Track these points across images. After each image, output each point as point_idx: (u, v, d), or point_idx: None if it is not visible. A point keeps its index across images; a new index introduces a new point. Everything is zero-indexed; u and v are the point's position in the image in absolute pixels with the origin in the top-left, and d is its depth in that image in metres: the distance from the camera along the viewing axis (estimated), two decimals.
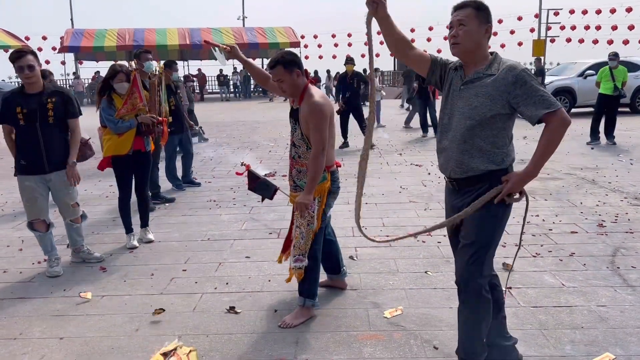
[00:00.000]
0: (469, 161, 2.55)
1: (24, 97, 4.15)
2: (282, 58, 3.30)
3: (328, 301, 3.71)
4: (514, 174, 2.52)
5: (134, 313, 3.59)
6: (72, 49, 28.18)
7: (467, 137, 2.54)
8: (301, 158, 3.41)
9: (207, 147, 11.53)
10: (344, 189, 7.26)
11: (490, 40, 2.65)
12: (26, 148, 4.17)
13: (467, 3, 2.53)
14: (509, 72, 2.44)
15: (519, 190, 2.54)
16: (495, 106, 2.47)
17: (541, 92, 2.41)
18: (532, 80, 2.43)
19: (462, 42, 2.51)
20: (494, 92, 2.46)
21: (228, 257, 4.62)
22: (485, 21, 2.52)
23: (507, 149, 2.56)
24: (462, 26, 2.50)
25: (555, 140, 2.43)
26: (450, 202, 2.76)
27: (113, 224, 5.70)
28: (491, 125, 2.50)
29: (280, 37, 30.18)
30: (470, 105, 2.52)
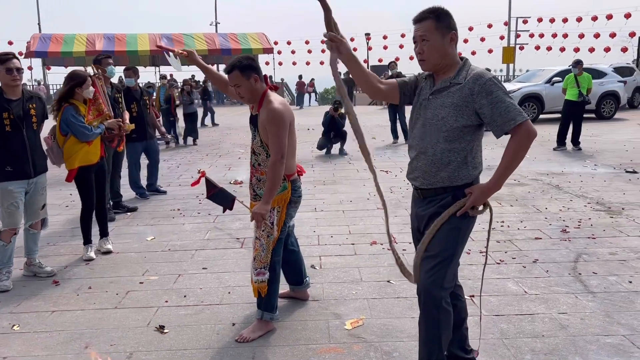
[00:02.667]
0: (435, 172, 2.49)
1: (8, 102, 4.08)
2: (239, 63, 3.20)
3: (289, 313, 3.61)
4: (476, 187, 2.46)
5: (84, 329, 3.43)
6: (39, 54, 27.50)
7: (435, 148, 2.47)
8: (261, 166, 3.32)
9: (175, 154, 11.33)
10: (311, 195, 7.26)
11: (461, 47, 2.63)
12: (13, 154, 4.11)
13: (425, 15, 2.44)
14: (476, 81, 2.37)
15: (481, 203, 2.49)
16: (462, 117, 2.40)
17: (507, 103, 2.33)
18: (498, 90, 2.35)
19: (428, 58, 2.46)
20: (460, 101, 2.40)
21: (188, 268, 4.49)
22: (448, 29, 2.44)
23: (474, 161, 2.50)
24: (425, 41, 2.43)
25: (520, 152, 2.36)
26: (415, 210, 2.71)
27: (71, 234, 5.51)
28: (458, 137, 2.43)
29: (253, 43, 30.02)
30: (438, 116, 2.45)
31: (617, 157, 9.55)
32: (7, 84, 4.09)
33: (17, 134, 4.12)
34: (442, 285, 2.49)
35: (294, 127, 3.34)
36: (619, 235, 5.12)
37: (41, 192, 4.36)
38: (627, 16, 27.29)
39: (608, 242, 4.93)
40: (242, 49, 29.45)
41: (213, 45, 28.93)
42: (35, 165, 4.24)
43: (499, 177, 2.42)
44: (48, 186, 4.50)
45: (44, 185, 4.40)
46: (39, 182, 4.31)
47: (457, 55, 2.51)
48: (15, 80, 4.08)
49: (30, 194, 4.28)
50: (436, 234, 2.51)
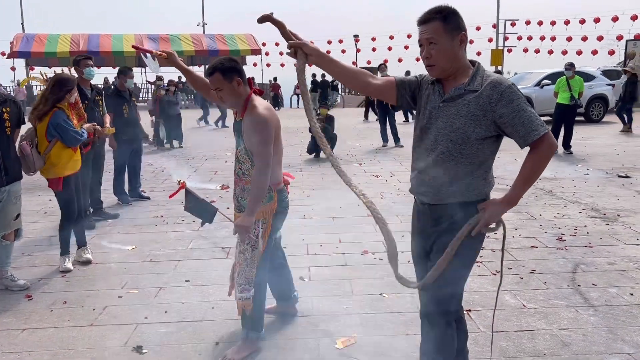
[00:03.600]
0: (448, 188, 2.27)
1: None
2: (221, 64, 2.99)
3: (275, 330, 3.40)
4: (491, 203, 2.25)
5: (57, 349, 3.20)
6: (22, 55, 27.03)
7: (448, 161, 2.25)
8: (245, 175, 3.11)
9: (160, 157, 11.07)
10: (300, 202, 7.05)
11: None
12: None
13: (432, 16, 2.21)
14: (494, 89, 2.16)
15: (496, 219, 2.26)
16: (480, 127, 2.19)
17: (529, 112, 2.13)
18: (519, 99, 2.15)
19: (437, 63, 2.23)
20: (478, 111, 2.18)
21: (170, 280, 4.27)
22: (457, 30, 2.22)
23: (488, 175, 2.30)
24: (433, 45, 2.21)
25: (541, 166, 2.18)
26: (421, 226, 2.46)
27: (48, 243, 5.26)
28: (475, 149, 2.22)
29: (241, 44, 29.78)
30: (452, 126, 2.23)
31: (609, 161, 9.47)
32: None
33: None
34: (449, 308, 2.33)
35: (280, 134, 3.14)
36: (616, 243, 4.98)
37: (14, 202, 4.12)
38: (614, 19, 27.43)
39: (605, 251, 4.79)
40: (229, 50, 29.20)
41: (200, 46, 28.64)
42: (7, 172, 4.00)
43: (516, 191, 2.21)
44: (26, 191, 4.28)
45: (18, 194, 4.15)
46: (11, 190, 4.06)
47: (466, 58, 2.29)
48: None
49: (2, 203, 4.03)
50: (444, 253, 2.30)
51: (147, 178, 8.63)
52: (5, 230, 4.12)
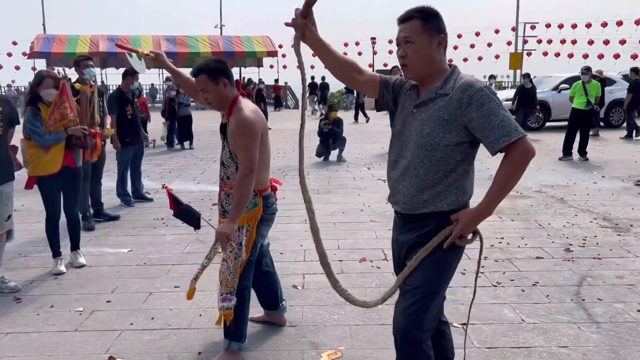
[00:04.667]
0: (418, 196, 2.17)
1: None
2: (207, 65, 2.91)
3: (261, 341, 3.30)
4: (464, 213, 2.13)
5: (37, 355, 3.14)
6: (42, 55, 27.45)
7: (418, 169, 2.15)
8: (230, 179, 3.02)
9: (169, 158, 11.07)
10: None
11: (468, 52, 2.32)
12: None
13: (411, 14, 2.14)
14: (464, 92, 2.06)
15: (470, 231, 2.16)
16: (449, 133, 2.08)
17: (501, 117, 2.01)
18: (490, 102, 2.03)
19: (411, 63, 2.15)
20: (447, 115, 2.08)
21: (161, 285, 4.19)
22: (437, 32, 2.13)
23: (464, 185, 2.18)
24: (410, 43, 2.12)
25: (515, 174, 2.05)
26: (395, 235, 2.38)
27: (45, 244, 5.17)
28: (446, 156, 2.11)
29: (258, 46, 29.85)
30: (422, 132, 2.13)
31: (626, 169, 9.18)
32: None
33: None
34: (422, 327, 2.16)
35: (267, 138, 3.03)
36: (627, 255, 4.77)
37: (6, 203, 4.07)
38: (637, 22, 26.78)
39: (615, 263, 4.58)
40: (246, 52, 29.31)
41: (217, 47, 28.75)
42: None
43: (490, 201, 2.09)
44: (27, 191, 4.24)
45: (10, 195, 4.11)
46: (3, 191, 4.03)
47: (445, 63, 2.20)
48: None
49: None
50: (418, 267, 2.18)
51: (153, 178, 8.61)
52: None
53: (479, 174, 9.12)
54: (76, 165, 4.55)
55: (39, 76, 4.37)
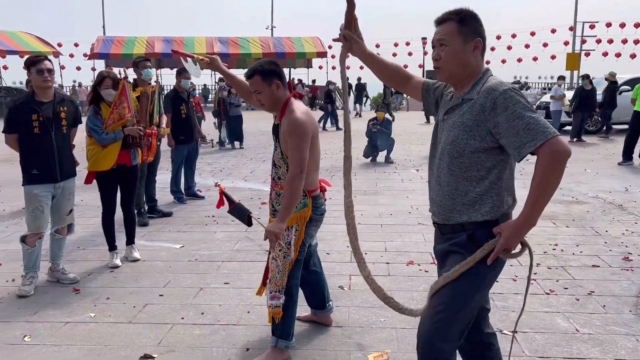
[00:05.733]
0: (450, 207, 2.11)
1: (38, 104, 4.04)
2: (261, 67, 2.97)
3: (307, 340, 3.32)
4: (506, 225, 2.00)
5: (94, 345, 3.28)
6: (102, 56, 28.50)
7: (448, 177, 2.10)
8: (281, 179, 3.06)
9: (220, 157, 11.31)
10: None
11: (522, 53, 2.26)
12: (40, 157, 4.07)
13: (448, 16, 2.09)
14: (488, 96, 1.97)
15: (516, 244, 2.02)
16: (474, 139, 2.01)
17: (527, 119, 1.89)
18: (515, 105, 1.92)
19: (444, 66, 2.09)
20: (471, 121, 2.01)
21: (211, 281, 4.29)
22: (473, 35, 2.06)
23: (501, 193, 2.06)
24: (444, 46, 2.08)
25: (549, 179, 1.90)
26: (435, 247, 2.32)
27: (101, 239, 5.39)
28: (475, 163, 2.03)
29: (308, 47, 29.99)
30: (448, 138, 2.08)
31: None
32: (38, 85, 4.04)
33: (45, 136, 4.06)
34: (445, 338, 2.05)
35: (318, 139, 3.05)
36: None
37: (68, 198, 4.28)
38: None
39: None
40: (295, 53, 29.52)
41: (267, 48, 29.07)
42: (62, 169, 4.16)
43: (530, 210, 1.94)
44: (87, 187, 4.42)
45: (72, 190, 4.31)
46: (65, 186, 4.23)
47: (481, 67, 2.11)
48: (46, 81, 4.03)
49: (56, 198, 4.21)
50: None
51: (204, 177, 8.82)
52: (58, 225, 4.30)
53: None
54: (132, 164, 4.72)
55: (100, 76, 4.56)
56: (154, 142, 5.14)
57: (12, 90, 24.54)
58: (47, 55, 4.29)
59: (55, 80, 4.24)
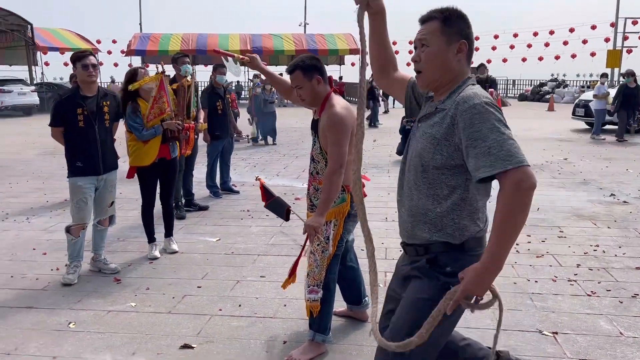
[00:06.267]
0: (413, 224, 1.95)
1: (83, 99, 4.16)
2: (302, 62, 2.98)
3: (344, 335, 3.33)
4: (468, 270, 1.72)
5: (135, 333, 3.36)
6: (138, 53, 29.08)
7: (413, 192, 1.94)
8: (319, 174, 3.07)
9: (254, 153, 11.41)
10: (383, 204, 6.91)
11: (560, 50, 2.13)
12: (84, 150, 4.19)
13: (432, 15, 1.92)
14: (458, 107, 1.78)
15: (480, 294, 1.73)
16: (440, 154, 1.84)
17: (491, 142, 1.67)
18: (482, 123, 1.71)
19: (424, 69, 1.92)
20: (440, 134, 1.83)
21: (247, 274, 4.34)
22: (457, 36, 1.89)
23: (460, 217, 1.87)
24: (425, 47, 1.91)
25: (510, 213, 1.64)
26: (398, 264, 2.17)
27: (141, 230, 5.51)
28: (437, 181, 1.87)
29: (340, 44, 29.98)
30: (416, 149, 1.93)
31: None
32: (83, 80, 4.14)
33: (89, 130, 4.17)
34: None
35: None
36: None
37: (110, 190, 4.39)
38: None
39: None
40: (328, 50, 29.53)
41: (300, 45, 29.18)
42: (105, 162, 4.27)
43: (492, 252, 1.67)
44: (125, 180, 4.52)
45: (114, 182, 4.42)
46: (108, 179, 4.34)
47: (465, 72, 1.93)
48: (91, 76, 4.13)
49: (99, 190, 4.32)
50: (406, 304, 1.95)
51: (239, 172, 8.92)
52: (100, 217, 4.42)
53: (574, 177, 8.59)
54: (172, 157, 4.81)
55: (134, 71, 4.64)
56: (192, 135, 5.22)
57: (53, 86, 25.22)
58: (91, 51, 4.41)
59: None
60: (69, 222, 4.33)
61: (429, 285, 1.91)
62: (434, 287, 1.89)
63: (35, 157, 11.07)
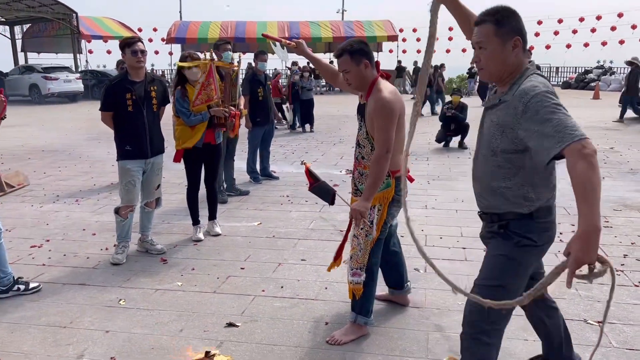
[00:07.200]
0: (487, 196, 2.25)
1: (131, 84, 4.29)
2: (350, 47, 2.99)
3: (386, 319, 3.37)
4: (572, 241, 1.79)
5: (182, 311, 3.48)
6: (178, 40, 29.52)
7: (485, 169, 2.22)
8: (365, 159, 3.10)
9: (292, 140, 11.49)
10: (423, 191, 6.89)
11: (588, 37, 2.23)
12: (133, 134, 4.32)
13: (485, 18, 2.11)
14: (520, 99, 2.00)
15: (592, 260, 1.78)
16: (504, 140, 2.09)
17: (555, 122, 1.87)
18: (545, 109, 1.91)
19: (486, 67, 2.16)
20: (504, 122, 2.08)
21: (289, 257, 4.42)
22: (511, 35, 2.08)
23: (528, 191, 2.13)
24: (482, 49, 2.13)
25: (584, 176, 1.77)
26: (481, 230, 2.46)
27: (185, 213, 5.69)
28: (506, 162, 2.12)
29: (378, 31, 29.71)
30: (487, 135, 2.20)
31: None
32: (132, 65, 4.27)
33: (137, 114, 4.29)
34: (485, 319, 2.21)
35: (404, 120, 3.06)
36: None
37: (157, 173, 4.52)
38: None
39: None
40: (366, 37, 29.29)
41: (338, 32, 29.05)
42: (152, 146, 4.39)
43: (585, 214, 1.77)
44: (169, 165, 4.63)
45: (160, 166, 4.55)
46: (155, 162, 4.47)
47: (522, 63, 2.13)
48: (139, 62, 4.25)
49: (147, 173, 4.46)
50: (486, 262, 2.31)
51: (277, 159, 9.02)
52: (148, 199, 4.56)
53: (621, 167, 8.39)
54: (217, 142, 4.91)
55: (183, 57, 4.75)
56: (237, 122, 5.30)
57: (97, 74, 25.92)
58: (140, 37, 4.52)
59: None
60: (115, 204, 4.50)
61: (503, 244, 2.20)
62: (508, 245, 2.18)
63: (81, 142, 11.45)
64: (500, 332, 2.31)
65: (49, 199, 6.51)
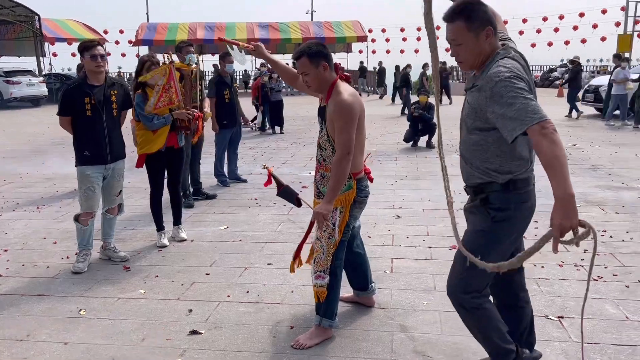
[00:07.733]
0: (468, 169, 2.43)
1: (90, 88, 4.18)
2: (308, 49, 2.97)
3: (351, 320, 3.37)
4: (553, 211, 1.95)
5: (145, 320, 3.41)
6: (145, 42, 29.09)
7: (465, 146, 2.43)
8: (326, 162, 3.08)
9: (261, 142, 11.43)
10: (391, 191, 6.93)
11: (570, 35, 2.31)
12: (91, 139, 4.21)
13: (455, 15, 2.23)
14: (487, 84, 2.16)
15: (573, 225, 1.92)
16: (477, 119, 2.28)
17: (517, 106, 2.04)
18: (508, 94, 2.07)
19: (465, 61, 2.32)
20: (477, 104, 2.25)
21: (255, 261, 4.38)
22: (482, 26, 2.22)
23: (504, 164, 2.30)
24: (458, 45, 2.27)
25: (549, 155, 1.94)
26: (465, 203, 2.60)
27: (149, 219, 5.56)
28: (480, 138, 2.32)
29: (347, 31, 29.79)
30: (463, 115, 2.41)
31: None
32: (91, 70, 4.16)
33: (96, 119, 4.19)
34: (466, 290, 2.42)
35: (364, 121, 3.06)
36: None
37: (118, 179, 4.43)
38: None
39: None
40: (336, 37, 29.37)
41: (307, 33, 29.03)
42: (112, 151, 4.30)
43: (557, 185, 1.94)
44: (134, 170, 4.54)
45: (121, 172, 4.46)
46: (116, 168, 4.37)
47: (496, 48, 2.28)
48: (99, 66, 4.15)
49: (107, 179, 4.36)
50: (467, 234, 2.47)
51: (246, 161, 8.95)
52: (109, 205, 4.47)
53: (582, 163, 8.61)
54: (179, 146, 4.83)
55: (141, 62, 4.66)
56: (200, 124, 5.24)
57: (61, 77, 25.32)
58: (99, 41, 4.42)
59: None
60: (78, 211, 4.38)
61: (482, 219, 2.37)
62: (486, 221, 2.35)
63: (45, 147, 11.16)
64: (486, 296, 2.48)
65: (9, 206, 6.32)
